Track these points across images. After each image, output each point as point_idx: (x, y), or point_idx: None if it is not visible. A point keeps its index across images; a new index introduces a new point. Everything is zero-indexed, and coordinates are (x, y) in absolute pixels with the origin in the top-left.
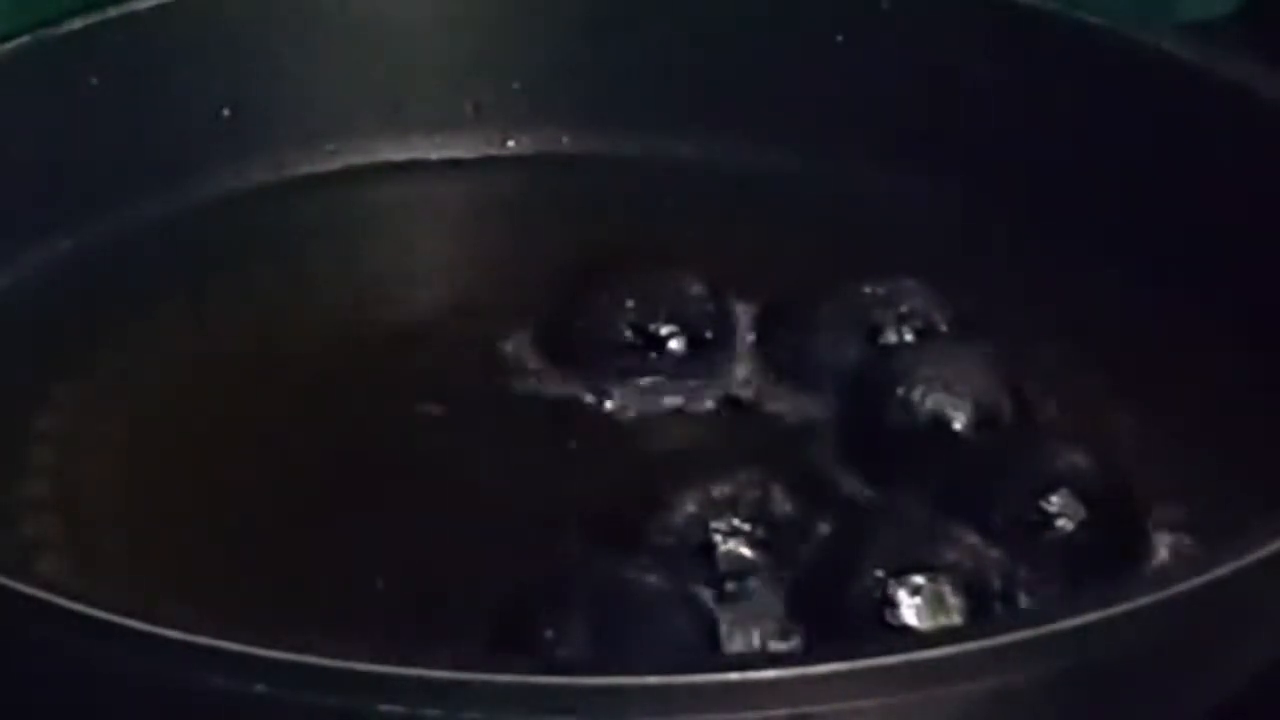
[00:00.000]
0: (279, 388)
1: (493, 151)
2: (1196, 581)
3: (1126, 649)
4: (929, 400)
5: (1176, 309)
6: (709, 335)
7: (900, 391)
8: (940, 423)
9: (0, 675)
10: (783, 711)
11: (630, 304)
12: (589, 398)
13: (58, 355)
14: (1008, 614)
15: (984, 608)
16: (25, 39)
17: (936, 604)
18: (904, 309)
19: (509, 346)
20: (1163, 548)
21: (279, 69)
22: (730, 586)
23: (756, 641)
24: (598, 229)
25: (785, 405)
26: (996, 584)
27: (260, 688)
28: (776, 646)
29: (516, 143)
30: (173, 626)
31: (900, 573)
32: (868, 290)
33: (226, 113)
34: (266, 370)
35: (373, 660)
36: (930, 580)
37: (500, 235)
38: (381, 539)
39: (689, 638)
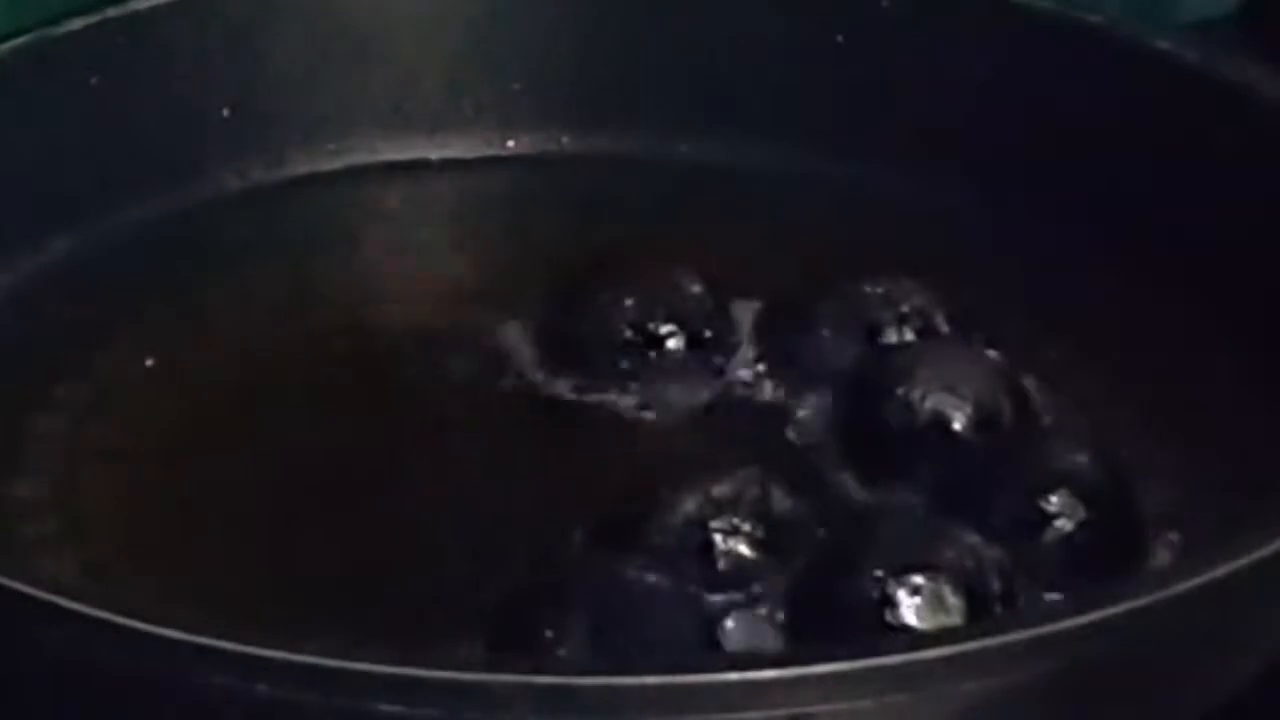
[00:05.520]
0: (279, 387)
1: (493, 151)
2: (1196, 581)
3: (1126, 649)
4: (929, 400)
5: (1176, 309)
6: (708, 335)
7: (900, 391)
8: (940, 423)
9: (0, 675)
10: (783, 711)
11: (630, 303)
12: (589, 397)
13: (58, 355)
14: (1008, 614)
15: (984, 608)
16: (25, 39)
17: (936, 604)
18: (904, 309)
19: (509, 346)
20: (1163, 548)
21: (279, 69)
22: (730, 586)
23: (756, 641)
24: (598, 229)
25: (785, 405)
26: (996, 584)
27: (260, 688)
28: (776, 646)
29: (516, 143)
30: (173, 626)
31: (900, 573)
32: (868, 290)
33: (226, 113)
34: (266, 370)
35: (373, 660)
36: (930, 580)
37: (500, 235)
38: (381, 539)
39: (689, 638)
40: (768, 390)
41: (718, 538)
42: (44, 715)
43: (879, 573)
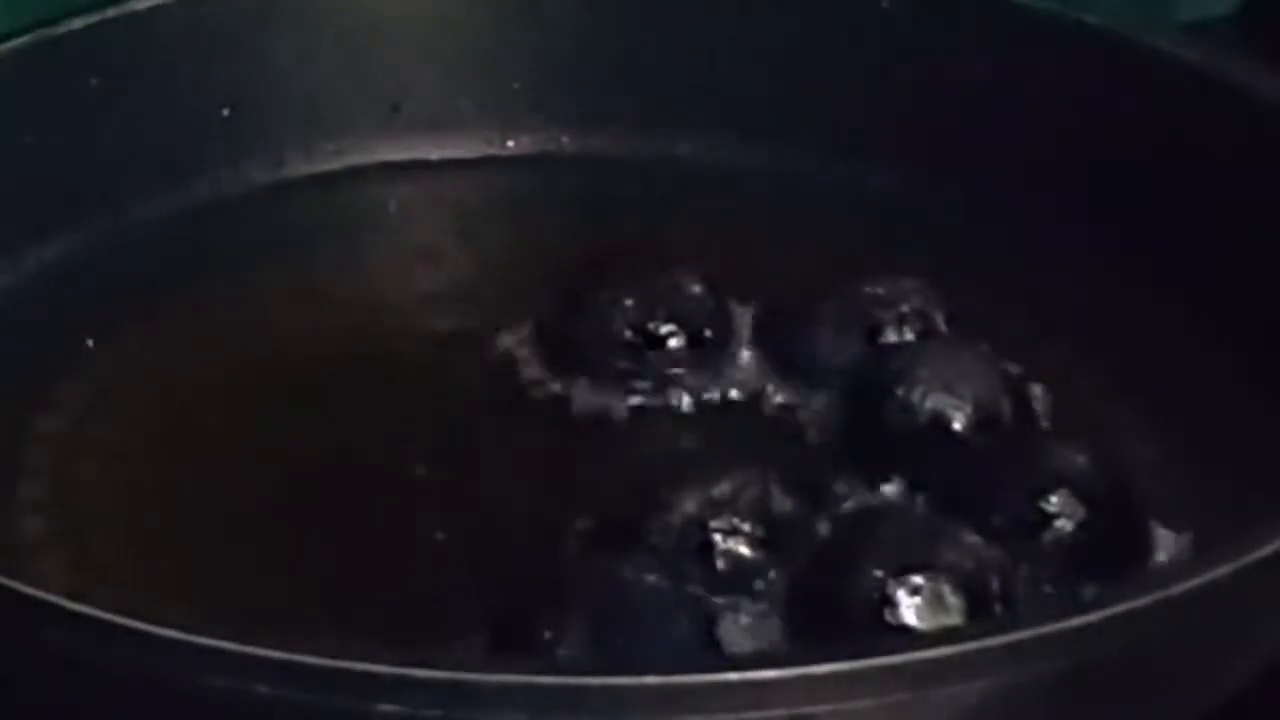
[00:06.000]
0: (279, 388)
1: (493, 151)
2: (1196, 581)
3: (1126, 649)
4: (929, 400)
5: (1176, 309)
6: (708, 335)
7: (900, 391)
8: (940, 423)
9: (0, 675)
10: (783, 711)
11: (630, 304)
12: (589, 398)
13: (58, 355)
14: (1008, 614)
15: (984, 608)
16: (25, 39)
17: (936, 604)
18: (904, 309)
19: (509, 346)
20: (1163, 548)
21: (279, 69)
22: (730, 586)
23: (756, 641)
24: (598, 229)
25: (785, 405)
26: (996, 584)
27: (260, 688)
28: (776, 646)
29: (516, 143)
30: (173, 626)
31: (900, 573)
32: (868, 290)
33: (226, 113)
34: (266, 370)
35: (373, 660)
36: (930, 580)
37: (500, 235)
38: (381, 539)
39: (689, 638)
40: (767, 390)
41: (718, 538)
42: (44, 715)
43: (879, 573)
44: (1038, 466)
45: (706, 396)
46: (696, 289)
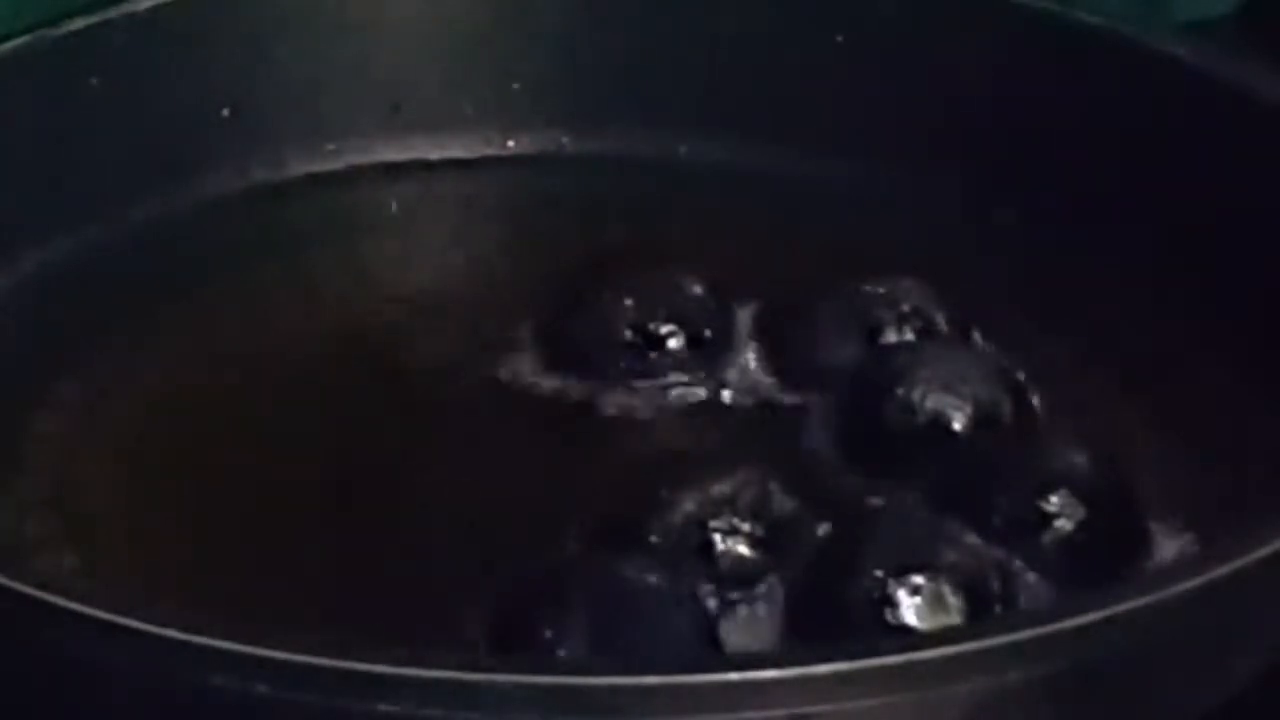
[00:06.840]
0: (279, 388)
1: (493, 151)
2: (1196, 581)
3: (1126, 649)
4: (929, 400)
5: (1177, 309)
6: (709, 335)
7: (900, 391)
8: (940, 423)
9: (0, 675)
10: (782, 711)
11: (630, 304)
12: (589, 398)
13: (58, 355)
14: (1008, 614)
15: (984, 608)
16: (25, 39)
17: (936, 604)
18: (904, 309)
19: (509, 346)
20: (1163, 548)
21: (279, 69)
22: (730, 586)
23: (756, 641)
24: (598, 229)
25: (785, 405)
26: (996, 584)
27: (260, 688)
28: (776, 646)
29: (516, 143)
30: (173, 626)
31: (900, 573)
32: (868, 290)
33: (226, 113)
34: (266, 370)
35: (373, 660)
36: (930, 580)
37: (500, 235)
38: (381, 539)
39: (689, 638)
40: (768, 390)
41: (718, 538)
42: (44, 715)
43: (879, 573)
44: (1038, 466)
45: (706, 397)
46: (696, 289)
